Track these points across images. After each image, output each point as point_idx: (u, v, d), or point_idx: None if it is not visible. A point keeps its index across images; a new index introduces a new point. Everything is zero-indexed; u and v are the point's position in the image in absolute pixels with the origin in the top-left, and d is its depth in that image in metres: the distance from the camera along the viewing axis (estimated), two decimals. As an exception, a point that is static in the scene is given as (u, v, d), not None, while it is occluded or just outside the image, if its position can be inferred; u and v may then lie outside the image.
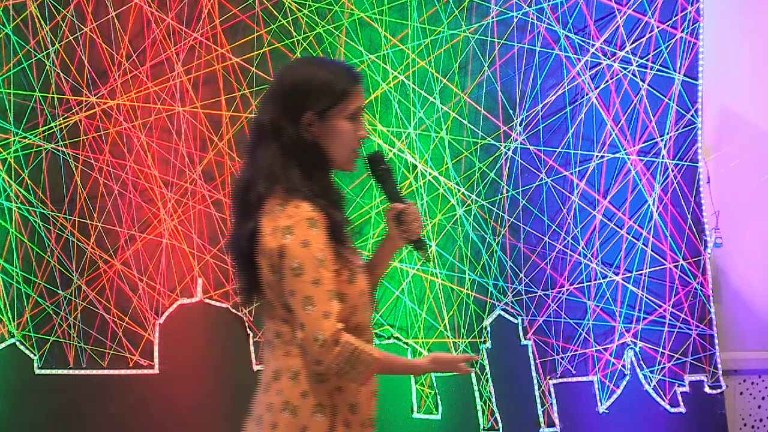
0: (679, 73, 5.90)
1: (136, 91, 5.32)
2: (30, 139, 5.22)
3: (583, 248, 5.86)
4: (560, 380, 5.83)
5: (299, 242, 3.00)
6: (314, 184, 3.07)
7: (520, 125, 5.80)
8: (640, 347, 5.89)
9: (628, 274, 5.90)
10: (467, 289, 5.73)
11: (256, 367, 5.34)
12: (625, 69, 5.88)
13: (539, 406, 5.78)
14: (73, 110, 5.27)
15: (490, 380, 5.74)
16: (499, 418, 5.73)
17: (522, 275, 5.80)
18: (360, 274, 3.12)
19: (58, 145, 5.24)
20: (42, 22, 5.23)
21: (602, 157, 5.89)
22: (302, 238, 3.00)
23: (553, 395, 5.81)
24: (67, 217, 5.24)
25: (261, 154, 3.09)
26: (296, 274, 3.00)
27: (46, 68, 5.24)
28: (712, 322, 5.96)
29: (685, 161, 5.94)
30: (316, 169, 3.09)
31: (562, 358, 5.83)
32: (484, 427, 5.70)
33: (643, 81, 5.89)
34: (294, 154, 3.07)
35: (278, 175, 3.07)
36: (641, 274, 5.91)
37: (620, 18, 5.87)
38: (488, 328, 5.77)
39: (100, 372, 5.24)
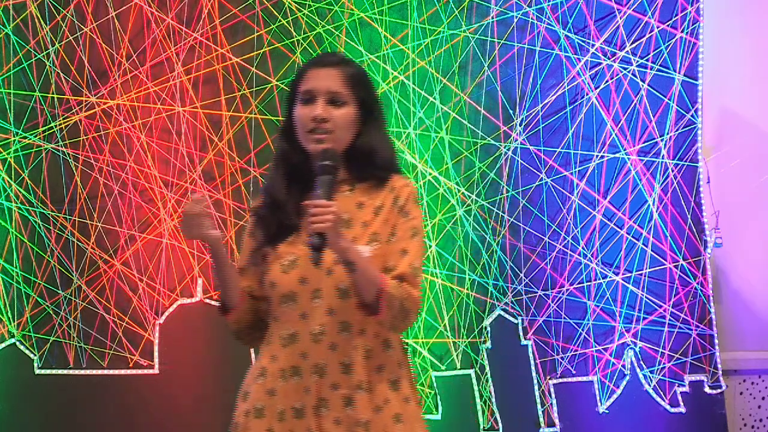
0: (679, 73, 5.90)
1: (136, 91, 5.32)
2: (30, 139, 5.22)
3: (583, 248, 5.85)
4: (560, 380, 5.83)
5: None
6: (280, 178, 3.23)
7: (520, 125, 5.80)
8: (640, 347, 5.89)
9: (628, 274, 5.89)
10: (467, 289, 5.73)
11: (256, 367, 5.34)
12: (625, 69, 5.88)
13: (539, 406, 5.78)
14: (73, 110, 5.26)
15: (490, 380, 5.73)
16: (499, 418, 5.72)
17: (522, 275, 5.80)
18: (274, 266, 3.18)
19: (58, 145, 5.24)
20: (42, 22, 5.23)
21: (602, 157, 5.88)
22: None
23: (553, 395, 5.81)
24: (67, 217, 5.24)
25: None
26: None
27: (46, 68, 5.24)
28: (712, 322, 5.95)
29: (685, 161, 5.94)
30: (291, 160, 3.22)
31: (562, 358, 5.82)
32: (484, 427, 5.70)
33: (643, 81, 5.89)
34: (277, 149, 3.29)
35: None
36: (641, 274, 5.90)
37: (620, 18, 5.86)
38: (488, 328, 5.77)
39: (100, 372, 5.24)
